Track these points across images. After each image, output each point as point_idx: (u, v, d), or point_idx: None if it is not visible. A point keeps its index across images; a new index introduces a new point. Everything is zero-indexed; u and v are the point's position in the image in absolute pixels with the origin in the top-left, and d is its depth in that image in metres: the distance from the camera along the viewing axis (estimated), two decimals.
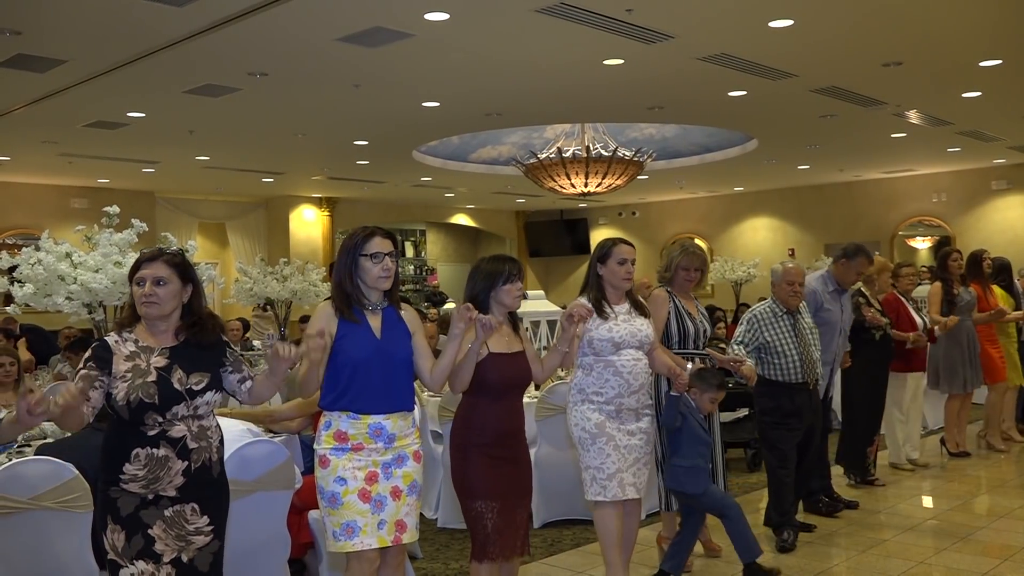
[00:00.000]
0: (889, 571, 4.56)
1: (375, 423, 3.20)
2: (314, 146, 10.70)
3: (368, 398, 3.20)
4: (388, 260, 3.24)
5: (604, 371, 4.01)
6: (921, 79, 7.93)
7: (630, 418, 4.04)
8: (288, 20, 5.93)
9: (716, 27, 6.33)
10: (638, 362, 4.04)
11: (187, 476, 2.85)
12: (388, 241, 3.27)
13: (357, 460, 3.17)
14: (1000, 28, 6.55)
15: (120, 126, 9.10)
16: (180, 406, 2.84)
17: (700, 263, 4.75)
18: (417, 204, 17.16)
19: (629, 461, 4.01)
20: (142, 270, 2.90)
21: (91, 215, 10.81)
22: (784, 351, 5.02)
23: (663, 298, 4.72)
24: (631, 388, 4.01)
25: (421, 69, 7.26)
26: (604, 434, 3.97)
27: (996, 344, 7.44)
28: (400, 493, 3.21)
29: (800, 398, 5.06)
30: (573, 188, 10.22)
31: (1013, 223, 13.77)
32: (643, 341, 4.07)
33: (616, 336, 4.00)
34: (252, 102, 8.20)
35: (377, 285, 3.25)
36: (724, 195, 16.69)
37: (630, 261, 4.11)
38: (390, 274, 3.24)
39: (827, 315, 5.64)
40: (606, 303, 4.08)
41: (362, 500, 3.15)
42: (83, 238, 5.01)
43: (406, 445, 3.26)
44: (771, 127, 10.11)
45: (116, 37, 6.23)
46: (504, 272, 3.58)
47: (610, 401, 4.00)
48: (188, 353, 2.93)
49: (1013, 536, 5.13)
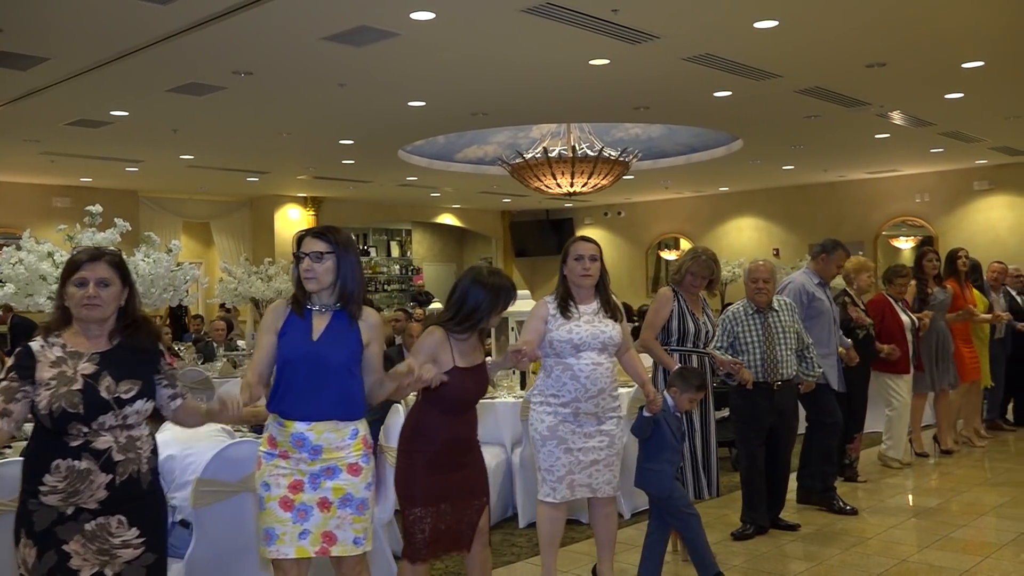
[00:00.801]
0: (871, 569, 4.59)
1: (297, 432, 3.04)
2: (299, 145, 10.66)
3: (291, 403, 3.06)
4: (308, 260, 3.08)
5: (562, 374, 3.96)
6: (904, 80, 7.98)
7: (589, 421, 3.98)
8: (273, 19, 5.91)
9: (701, 27, 6.35)
10: (598, 366, 3.96)
11: (111, 490, 2.70)
12: (319, 242, 3.10)
13: (282, 467, 3.05)
14: (982, 30, 6.60)
15: (103, 125, 9.04)
16: (107, 416, 2.69)
17: (709, 272, 4.89)
18: (403, 204, 17.13)
19: (584, 464, 3.97)
20: (83, 271, 2.76)
21: (74, 214, 10.75)
22: (747, 349, 5.07)
23: (667, 297, 4.90)
24: (588, 392, 3.95)
25: (407, 68, 7.24)
26: (555, 437, 3.95)
27: (970, 344, 7.47)
28: (329, 505, 3.04)
29: (759, 398, 5.06)
30: (559, 188, 10.22)
31: (995, 223, 13.88)
32: (606, 344, 3.99)
33: (576, 338, 3.95)
34: (236, 101, 8.16)
35: (303, 286, 3.13)
36: (709, 195, 16.75)
37: (587, 258, 4.04)
38: (314, 275, 3.08)
39: (820, 305, 5.78)
40: (572, 303, 4.04)
41: (282, 508, 3.02)
42: (65, 237, 4.98)
43: (339, 458, 3.06)
44: (756, 127, 10.15)
45: (99, 35, 6.18)
46: (508, 291, 3.54)
47: (567, 404, 3.95)
48: (120, 358, 2.78)
49: (995, 534, 5.17)
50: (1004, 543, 4.96)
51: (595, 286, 4.09)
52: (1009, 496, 5.99)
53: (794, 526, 5.30)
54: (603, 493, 4.05)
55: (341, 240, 3.14)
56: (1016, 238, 13.40)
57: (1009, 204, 13.80)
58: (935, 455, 7.25)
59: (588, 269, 4.03)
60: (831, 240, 6.12)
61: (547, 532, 4.07)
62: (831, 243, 6.05)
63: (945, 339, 7.13)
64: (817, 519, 5.53)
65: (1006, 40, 6.84)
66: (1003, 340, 8.11)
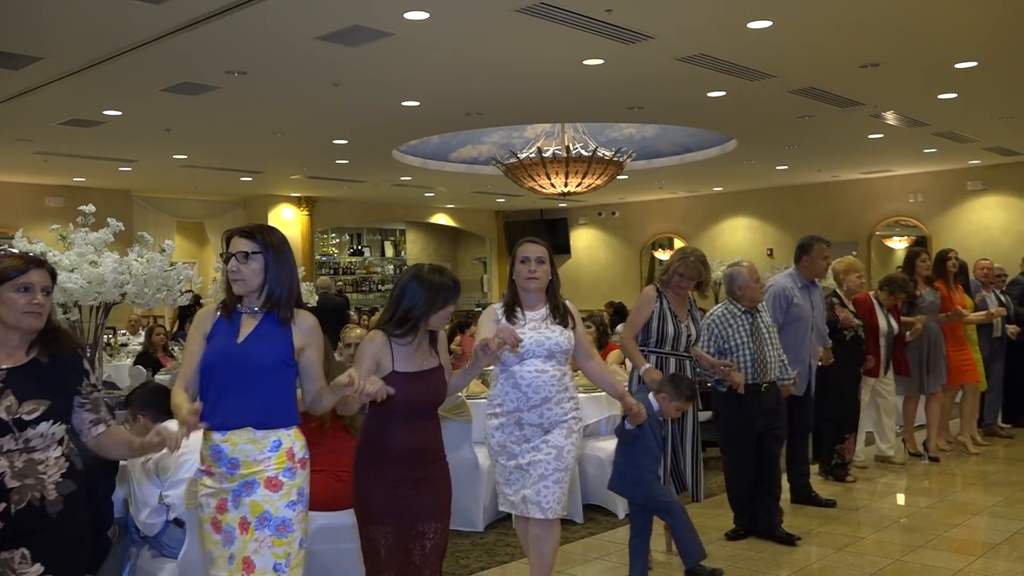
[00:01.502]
0: (865, 569, 4.60)
1: (214, 444, 2.82)
2: (293, 145, 10.64)
3: (210, 411, 2.81)
4: (235, 261, 2.88)
5: (505, 382, 3.77)
6: (898, 80, 7.99)
7: (536, 433, 3.74)
8: (267, 18, 5.89)
9: (695, 28, 6.35)
10: (542, 375, 3.72)
11: (6, 520, 2.43)
12: (246, 241, 2.90)
13: (209, 486, 2.84)
14: (976, 30, 6.61)
15: (96, 124, 9.01)
16: (5, 439, 2.45)
17: (697, 274, 4.73)
18: (397, 203, 17.12)
19: (532, 478, 3.71)
20: (29, 276, 2.58)
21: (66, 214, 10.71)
22: (737, 350, 4.98)
23: (649, 297, 4.75)
24: (531, 402, 3.71)
25: (401, 68, 7.24)
26: (505, 452, 3.77)
27: (961, 347, 7.38)
28: (248, 526, 2.80)
29: (750, 401, 4.96)
30: (553, 188, 10.23)
31: (988, 224, 13.92)
32: (552, 351, 3.74)
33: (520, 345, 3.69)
34: (230, 101, 8.15)
35: (232, 287, 2.92)
36: (704, 195, 16.76)
37: (534, 260, 3.80)
38: (242, 277, 2.88)
39: (797, 311, 5.66)
40: (519, 307, 3.82)
41: (214, 530, 2.83)
42: (58, 237, 4.96)
43: (257, 472, 2.81)
44: (750, 127, 10.16)
45: (92, 34, 6.17)
46: (449, 290, 3.25)
47: (509, 414, 3.75)
48: (31, 375, 2.54)
49: (988, 533, 5.18)
50: (997, 543, 4.98)
51: (545, 290, 3.86)
52: (1002, 496, 6.01)
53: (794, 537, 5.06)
54: (553, 513, 3.71)
55: (272, 240, 2.94)
56: (1009, 238, 13.44)
57: (1002, 204, 13.84)
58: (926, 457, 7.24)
59: (534, 272, 3.79)
60: (806, 238, 5.99)
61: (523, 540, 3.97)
62: (806, 241, 5.93)
63: (937, 341, 7.11)
64: (811, 519, 5.54)
65: (999, 40, 6.86)
66: (1002, 339, 8.00)
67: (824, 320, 5.98)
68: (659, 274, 4.85)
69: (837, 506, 5.76)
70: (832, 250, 6.07)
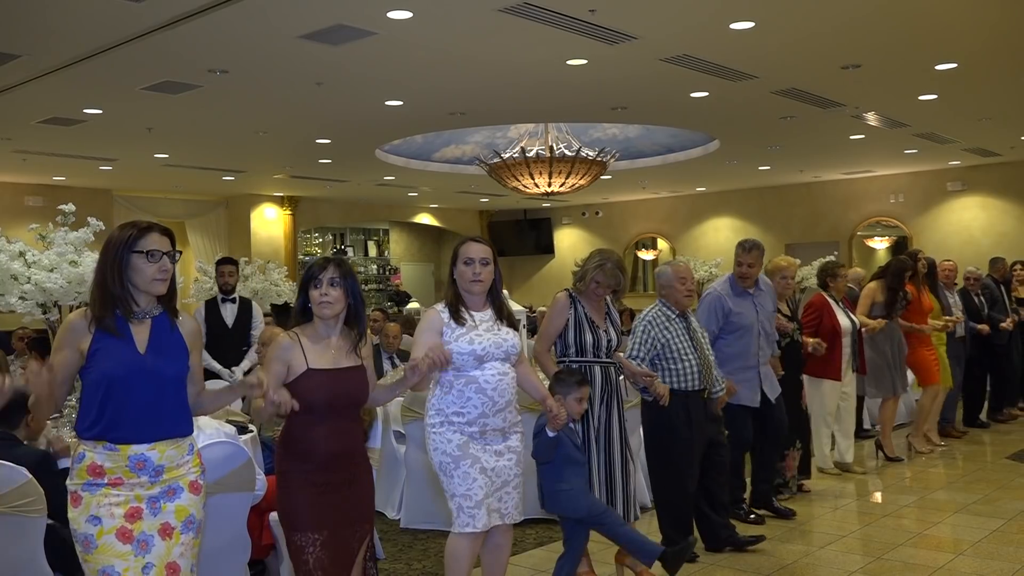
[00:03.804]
0: (847, 567, 4.63)
1: (137, 455, 2.71)
2: (276, 144, 10.60)
3: (128, 425, 2.71)
4: (166, 260, 2.80)
5: (466, 388, 3.55)
6: (879, 82, 8.05)
7: (496, 438, 3.60)
8: (249, 16, 5.86)
9: (678, 28, 6.37)
10: (504, 376, 3.60)
11: None
12: (167, 239, 2.83)
13: (115, 496, 2.70)
14: (956, 32, 6.66)
15: (76, 123, 8.94)
16: None
17: (615, 282, 4.41)
18: (380, 203, 17.07)
19: (497, 484, 3.58)
20: None
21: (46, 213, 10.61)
22: (681, 355, 4.61)
23: (562, 304, 4.43)
24: (496, 406, 3.56)
25: (384, 67, 7.22)
26: (468, 456, 3.52)
27: (930, 346, 7.42)
28: (171, 531, 2.74)
29: (696, 406, 4.66)
30: (536, 188, 10.23)
31: (968, 224, 14.04)
32: (509, 352, 3.63)
33: (479, 349, 3.55)
34: (212, 99, 8.10)
35: (151, 288, 2.79)
36: (687, 195, 16.82)
37: (478, 261, 3.62)
38: (167, 276, 2.80)
39: (738, 319, 5.32)
40: (464, 309, 3.64)
41: (121, 541, 2.68)
42: (37, 236, 4.92)
43: (180, 476, 2.79)
44: (732, 128, 10.20)
45: (73, 31, 6.11)
46: (312, 275, 3.16)
47: (473, 422, 3.54)
48: None
49: (967, 531, 5.23)
50: (977, 540, 5.02)
51: (488, 292, 3.70)
52: (981, 494, 6.06)
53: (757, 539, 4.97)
54: (511, 519, 3.64)
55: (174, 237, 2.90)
56: (989, 239, 13.56)
57: (982, 205, 13.96)
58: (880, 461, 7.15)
59: (479, 274, 3.61)
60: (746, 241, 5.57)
61: (459, 570, 3.55)
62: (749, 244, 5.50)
63: (902, 342, 7.10)
64: (790, 519, 5.57)
65: (979, 42, 6.92)
66: (964, 341, 8.12)
67: (773, 324, 5.60)
68: (575, 280, 4.49)
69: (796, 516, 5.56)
70: (813, 250, 5.98)
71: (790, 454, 6.00)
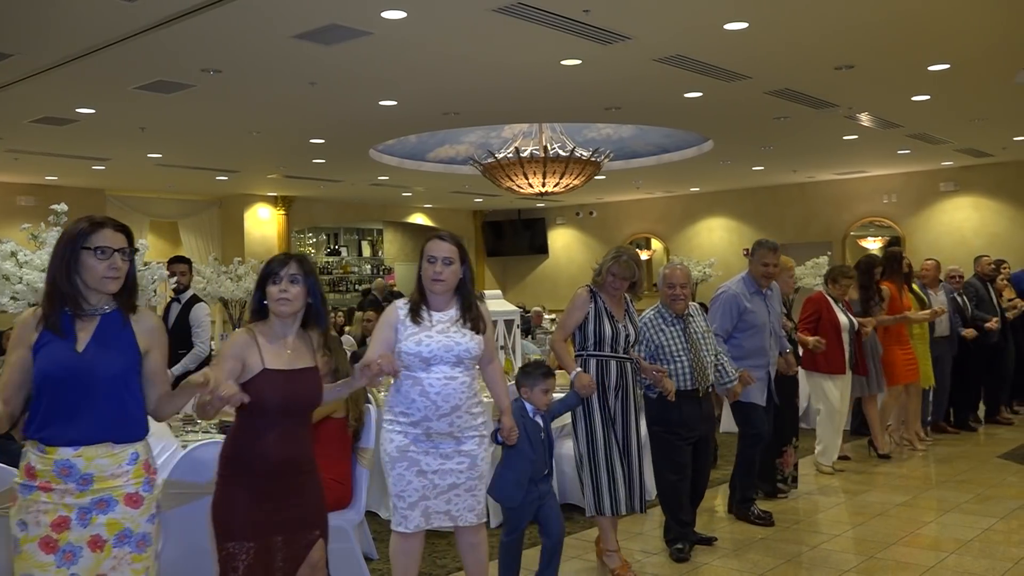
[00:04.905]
0: (840, 566, 4.64)
1: (62, 460, 2.59)
2: (269, 144, 10.58)
3: (55, 426, 2.59)
4: (118, 258, 2.68)
5: (411, 389, 3.51)
6: (872, 82, 8.07)
7: (446, 442, 3.54)
8: (243, 16, 5.85)
9: (672, 29, 6.38)
10: (451, 381, 3.51)
11: None
12: (121, 236, 2.70)
13: (44, 502, 2.58)
14: (948, 33, 6.68)
15: (69, 122, 8.91)
16: None
17: (630, 274, 4.50)
18: (374, 203, 17.06)
19: (441, 488, 3.53)
20: None
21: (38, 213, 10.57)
22: (674, 356, 4.79)
23: (582, 299, 4.54)
24: (440, 411, 3.50)
25: (378, 67, 7.21)
26: (405, 459, 3.52)
27: (905, 346, 7.33)
28: (103, 543, 2.61)
29: (688, 406, 4.81)
30: (530, 188, 10.23)
31: (960, 224, 14.09)
32: (461, 356, 3.53)
33: (425, 351, 3.49)
34: (205, 99, 8.08)
35: (100, 287, 2.67)
36: (681, 195, 16.84)
37: (441, 260, 3.54)
38: (118, 274, 2.68)
39: (751, 317, 5.45)
40: (425, 308, 3.58)
41: (43, 550, 2.56)
42: (29, 236, 4.90)
43: (114, 488, 2.63)
44: (726, 128, 10.22)
45: (65, 30, 6.09)
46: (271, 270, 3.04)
47: (417, 423, 3.52)
48: None
49: (960, 530, 5.24)
50: (969, 539, 5.04)
51: (456, 291, 3.62)
52: (973, 493, 6.08)
53: (710, 539, 5.06)
54: (464, 521, 3.59)
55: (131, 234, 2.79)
56: (981, 239, 13.60)
57: (974, 205, 14.01)
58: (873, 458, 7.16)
59: (440, 274, 3.54)
60: (755, 243, 5.75)
61: (400, 567, 3.60)
62: (755, 246, 5.69)
63: (875, 341, 7.08)
64: (786, 516, 5.58)
65: (972, 43, 6.94)
66: (949, 340, 8.04)
67: (781, 324, 5.76)
68: (594, 275, 4.62)
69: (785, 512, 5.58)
70: (806, 251, 6.01)
71: (788, 451, 6.07)
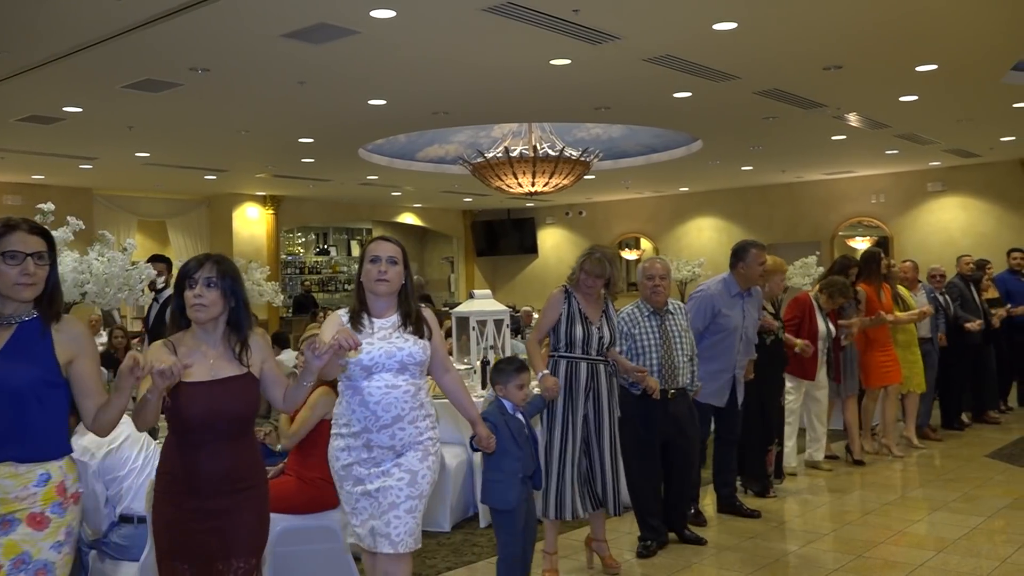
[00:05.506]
0: (828, 565, 4.65)
1: None
2: (258, 143, 10.54)
3: None
4: (31, 262, 2.48)
5: (352, 399, 3.32)
6: (860, 83, 8.10)
7: (386, 457, 3.30)
8: (231, 15, 5.83)
9: (661, 29, 6.39)
10: (393, 390, 3.28)
11: None
12: (37, 239, 2.53)
13: None
14: (936, 34, 6.71)
15: (56, 121, 8.86)
16: None
17: (602, 271, 4.41)
18: (363, 203, 17.03)
19: (383, 507, 3.27)
20: None
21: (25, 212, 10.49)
22: (645, 352, 4.73)
23: (556, 299, 4.47)
24: (380, 422, 3.27)
25: (367, 67, 7.19)
26: (351, 478, 3.32)
27: (886, 349, 7.22)
28: None
29: (653, 407, 4.72)
30: (520, 187, 10.23)
31: (947, 224, 14.17)
32: (405, 362, 3.31)
33: (366, 359, 3.27)
34: (194, 98, 8.05)
35: (13, 293, 2.49)
36: (670, 195, 16.87)
37: (385, 260, 3.36)
38: (33, 280, 2.49)
39: (724, 321, 5.35)
40: (366, 314, 3.38)
41: None
42: None
43: (16, 510, 2.43)
44: (715, 128, 10.24)
45: (52, 29, 6.05)
46: (186, 273, 2.81)
47: (358, 435, 3.30)
48: None
49: (947, 529, 5.26)
50: (956, 538, 5.06)
51: (397, 295, 3.42)
52: (960, 492, 6.11)
53: (701, 540, 5.05)
54: (404, 547, 3.25)
55: (51, 238, 2.62)
56: (968, 239, 13.67)
57: (961, 205, 14.09)
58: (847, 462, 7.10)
59: (385, 273, 3.35)
60: (741, 242, 5.64)
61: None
62: (741, 246, 5.56)
63: (853, 344, 7.05)
64: (773, 515, 5.59)
65: (959, 44, 6.97)
66: (932, 341, 7.95)
67: (756, 330, 5.64)
68: (569, 274, 4.56)
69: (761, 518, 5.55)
70: (795, 251, 5.96)
71: (771, 450, 6.07)
